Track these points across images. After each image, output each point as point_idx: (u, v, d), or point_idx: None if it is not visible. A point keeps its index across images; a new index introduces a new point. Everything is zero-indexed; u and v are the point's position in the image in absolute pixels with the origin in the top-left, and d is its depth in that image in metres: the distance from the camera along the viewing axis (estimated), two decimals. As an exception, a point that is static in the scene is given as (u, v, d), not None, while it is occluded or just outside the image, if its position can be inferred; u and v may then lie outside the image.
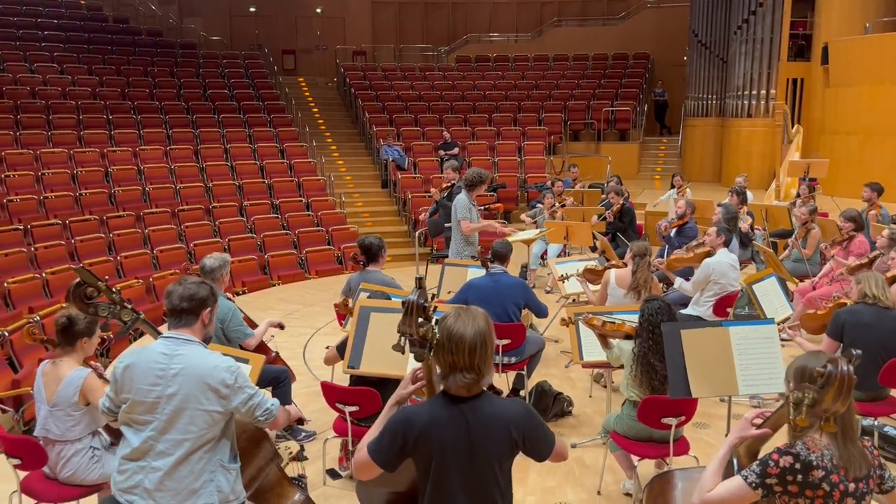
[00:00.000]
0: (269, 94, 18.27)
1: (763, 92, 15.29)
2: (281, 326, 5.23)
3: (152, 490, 2.77)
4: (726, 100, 16.34)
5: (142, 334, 8.18)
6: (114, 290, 2.98)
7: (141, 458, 2.81)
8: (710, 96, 16.90)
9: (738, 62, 15.61)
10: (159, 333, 2.99)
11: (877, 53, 13.47)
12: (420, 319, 2.33)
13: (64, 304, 8.46)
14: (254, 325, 5.22)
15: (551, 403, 5.61)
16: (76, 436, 3.65)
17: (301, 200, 13.88)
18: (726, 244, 6.33)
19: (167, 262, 10.69)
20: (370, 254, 5.87)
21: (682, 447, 4.28)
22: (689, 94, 17.48)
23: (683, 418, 4.13)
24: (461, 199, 7.10)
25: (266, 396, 2.96)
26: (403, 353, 2.44)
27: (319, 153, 16.43)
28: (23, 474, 3.77)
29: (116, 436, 3.91)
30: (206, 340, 3.01)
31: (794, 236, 8.16)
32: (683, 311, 6.26)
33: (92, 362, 3.90)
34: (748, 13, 15.29)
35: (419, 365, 2.59)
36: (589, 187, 13.43)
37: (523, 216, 10.38)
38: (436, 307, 2.41)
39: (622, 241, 9.04)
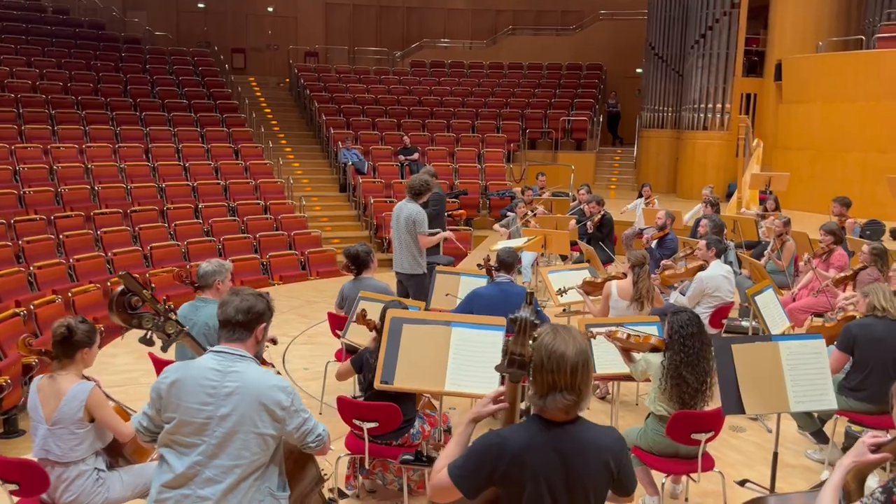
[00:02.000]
0: (220, 94, 17.72)
1: (719, 106, 15.61)
2: (273, 342, 4.95)
3: None
4: (682, 112, 16.62)
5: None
6: (160, 300, 2.69)
7: (184, 486, 2.52)
8: (665, 108, 17.17)
9: (695, 76, 15.90)
10: (204, 350, 2.71)
11: (829, 71, 13.91)
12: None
13: (16, 310, 7.93)
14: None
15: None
16: (79, 456, 3.30)
17: (259, 203, 13.45)
18: (718, 255, 6.33)
19: (123, 265, 10.12)
20: (359, 262, 5.71)
21: (708, 463, 4.19)
22: (645, 106, 17.72)
23: (713, 433, 4.05)
24: (418, 211, 6.74)
25: (317, 421, 2.72)
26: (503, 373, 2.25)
27: (275, 155, 16.01)
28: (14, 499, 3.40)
29: (114, 456, 3.60)
30: (256, 357, 2.74)
31: (770, 248, 8.27)
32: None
33: (92, 378, 3.55)
34: (705, 28, 15.60)
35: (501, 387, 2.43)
36: (553, 195, 13.45)
37: (495, 226, 10.26)
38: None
39: (601, 250, 9.01)
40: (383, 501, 4.49)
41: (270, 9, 22.98)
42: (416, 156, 16.03)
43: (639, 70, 20.95)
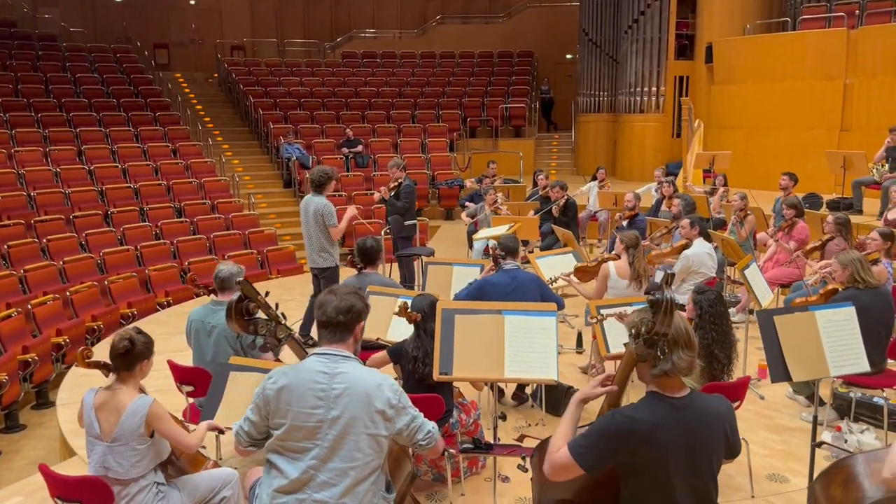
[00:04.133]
0: (149, 91, 17.10)
1: (653, 89, 16.11)
2: None
3: None
4: (618, 96, 17.06)
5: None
6: (272, 305, 2.63)
7: (299, 491, 2.49)
8: (601, 93, 17.59)
9: (629, 60, 16.35)
10: (306, 353, 2.66)
11: (757, 53, 14.55)
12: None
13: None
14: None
15: (563, 397, 5.59)
16: (141, 472, 3.20)
17: (205, 203, 13.07)
18: (702, 234, 6.59)
19: (76, 273, 9.68)
20: (369, 257, 5.65)
21: (733, 431, 4.38)
22: (581, 91, 18.10)
23: (739, 402, 4.25)
24: (325, 203, 6.70)
25: (425, 419, 2.72)
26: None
27: (213, 153, 15.59)
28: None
29: (163, 467, 3.49)
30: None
31: (733, 221, 8.63)
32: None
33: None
34: (637, 14, 16.05)
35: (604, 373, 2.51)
36: (504, 183, 13.62)
37: (462, 215, 10.32)
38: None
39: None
40: (417, 493, 4.50)
41: (193, 2, 22.27)
42: (360, 148, 15.90)
43: (569, 56, 21.40)
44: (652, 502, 2.35)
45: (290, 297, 9.51)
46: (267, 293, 2.83)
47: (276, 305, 2.77)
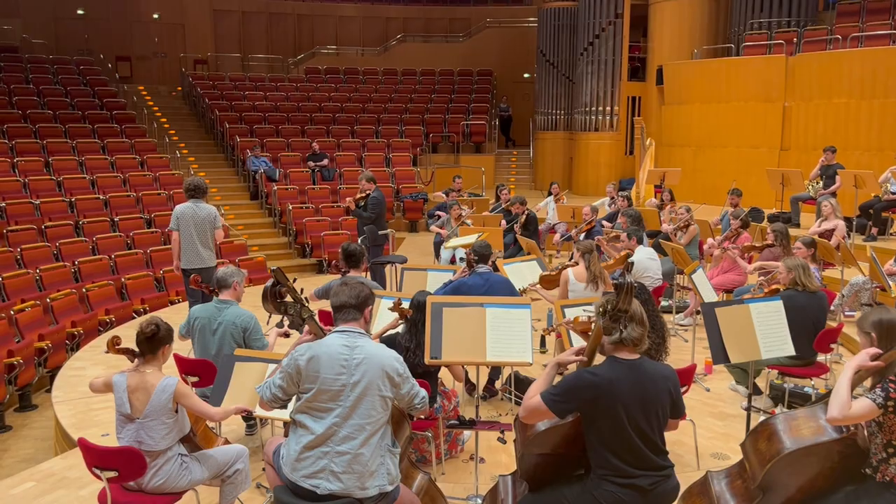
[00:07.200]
0: (114, 104, 17.28)
1: (608, 108, 16.94)
2: (287, 335, 5.32)
3: (340, 472, 2.95)
4: (574, 115, 17.85)
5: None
6: (298, 289, 3.09)
7: (324, 444, 2.97)
8: (558, 112, 18.36)
9: (585, 81, 17.15)
10: (325, 333, 3.14)
11: (704, 76, 15.47)
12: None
13: None
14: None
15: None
16: (169, 444, 3.62)
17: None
18: (640, 242, 7.26)
19: (52, 281, 9.90)
20: (353, 260, 6.09)
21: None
22: (539, 110, 18.84)
23: (686, 387, 4.83)
24: (212, 209, 7.39)
25: (419, 386, 3.22)
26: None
27: (178, 165, 15.85)
28: (92, 491, 3.65)
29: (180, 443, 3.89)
30: None
31: (675, 227, 9.30)
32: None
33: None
34: (593, 37, 16.88)
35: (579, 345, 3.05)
36: (469, 196, 14.20)
37: (432, 227, 10.83)
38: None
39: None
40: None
41: (156, 15, 22.44)
42: (325, 161, 16.31)
43: (526, 75, 22.17)
44: (611, 444, 2.88)
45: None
46: (294, 279, 3.29)
47: (302, 290, 3.23)
